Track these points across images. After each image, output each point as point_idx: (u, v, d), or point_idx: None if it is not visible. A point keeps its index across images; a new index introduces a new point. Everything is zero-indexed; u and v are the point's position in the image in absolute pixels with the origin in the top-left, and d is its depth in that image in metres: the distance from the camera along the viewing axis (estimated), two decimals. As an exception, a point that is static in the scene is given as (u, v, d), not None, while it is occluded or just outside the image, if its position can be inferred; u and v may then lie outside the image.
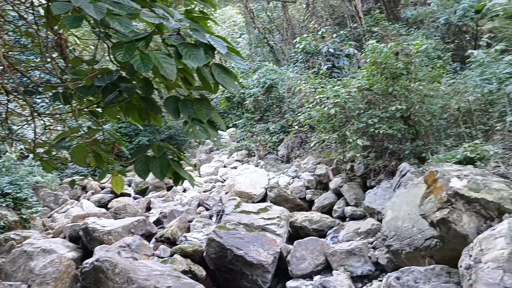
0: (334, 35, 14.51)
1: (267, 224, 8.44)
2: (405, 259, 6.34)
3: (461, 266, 4.98)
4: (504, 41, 14.60)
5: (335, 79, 11.03)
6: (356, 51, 13.97)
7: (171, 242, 8.79)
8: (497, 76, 9.98)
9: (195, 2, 3.62)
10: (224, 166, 14.03)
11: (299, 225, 8.98)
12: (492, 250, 4.57)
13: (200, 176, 13.78)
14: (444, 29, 15.78)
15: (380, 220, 7.76)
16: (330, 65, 13.28)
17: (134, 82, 3.06)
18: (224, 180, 12.61)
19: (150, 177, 3.12)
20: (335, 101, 9.18)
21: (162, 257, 8.15)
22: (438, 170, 6.06)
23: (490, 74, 10.31)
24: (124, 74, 3.07)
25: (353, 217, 9.01)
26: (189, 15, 2.87)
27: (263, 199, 10.42)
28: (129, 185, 13.99)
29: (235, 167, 13.29)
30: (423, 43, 10.20)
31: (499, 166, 6.53)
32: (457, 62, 14.39)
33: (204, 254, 7.89)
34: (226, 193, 11.02)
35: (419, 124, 9.09)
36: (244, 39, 24.67)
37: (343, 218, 9.27)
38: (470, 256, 4.84)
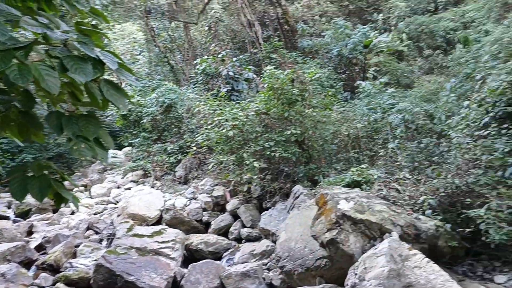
0: (234, 59, 14.81)
1: (161, 248, 8.17)
2: (297, 279, 6.50)
3: (347, 285, 5.21)
4: (388, 75, 16.10)
5: (234, 102, 11.19)
6: (255, 76, 14.37)
7: (54, 269, 8.09)
8: (381, 106, 10.88)
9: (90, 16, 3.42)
10: (118, 187, 13.38)
11: (194, 248, 8.83)
12: (374, 268, 4.86)
13: (90, 198, 12.97)
14: (337, 60, 16.94)
15: (274, 242, 7.90)
16: (230, 88, 13.48)
17: (13, 94, 2.79)
18: (117, 202, 12.00)
19: (34, 199, 2.84)
20: (233, 124, 9.29)
21: (42, 287, 7.45)
22: (328, 193, 6.35)
23: (375, 104, 11.21)
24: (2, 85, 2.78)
25: (249, 239, 9.08)
26: (78, 28, 2.71)
27: (158, 221, 10.08)
28: (9, 207, 12.70)
29: (129, 188, 12.75)
30: (316, 72, 10.81)
31: (382, 189, 7.04)
32: (348, 91, 15.48)
33: (92, 281, 7.36)
34: (119, 215, 10.49)
35: (312, 148, 9.53)
36: (144, 56, 24.15)
37: (239, 240, 9.31)
38: (356, 274, 5.10)
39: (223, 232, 9.66)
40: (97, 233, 10.07)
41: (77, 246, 8.89)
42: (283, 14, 18.53)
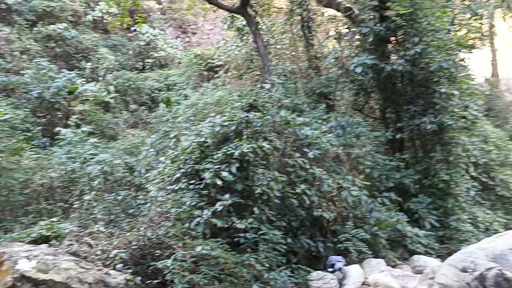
0: None
1: None
2: None
3: None
4: (92, 124, 15.90)
5: None
6: None
7: None
8: (81, 156, 10.53)
9: None
10: None
11: None
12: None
13: None
14: (37, 102, 15.78)
15: None
16: None
17: None
18: None
19: None
20: None
21: None
22: (6, 251, 5.52)
23: (75, 153, 10.79)
24: None
25: None
26: None
27: None
28: None
29: None
30: (6, 113, 9.67)
31: (73, 244, 6.53)
32: (48, 137, 14.46)
33: None
34: None
35: (-6, 199, 8.27)
36: None
37: None
38: None
39: None
40: None
41: None
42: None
